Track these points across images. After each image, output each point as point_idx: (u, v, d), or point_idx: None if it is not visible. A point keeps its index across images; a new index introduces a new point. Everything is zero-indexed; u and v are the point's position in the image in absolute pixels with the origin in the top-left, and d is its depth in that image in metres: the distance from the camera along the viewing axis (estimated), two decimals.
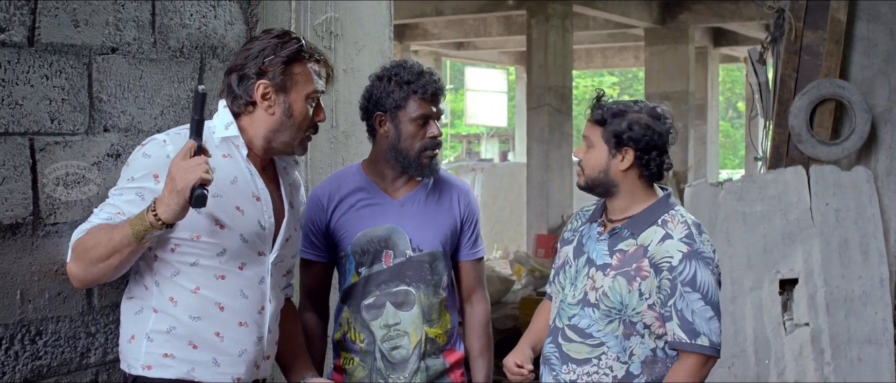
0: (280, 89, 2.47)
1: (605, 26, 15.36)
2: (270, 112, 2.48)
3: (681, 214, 2.73)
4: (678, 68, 14.28)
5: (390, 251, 2.85)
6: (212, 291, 2.44)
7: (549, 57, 12.50)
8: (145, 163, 2.40)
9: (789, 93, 5.28)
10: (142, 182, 2.39)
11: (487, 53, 21.02)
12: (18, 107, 2.58)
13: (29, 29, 2.60)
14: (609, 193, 2.76)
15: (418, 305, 2.86)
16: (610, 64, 21.59)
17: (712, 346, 2.65)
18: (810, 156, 5.22)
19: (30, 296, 2.63)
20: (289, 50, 2.47)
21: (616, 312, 2.69)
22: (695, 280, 2.62)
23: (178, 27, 3.00)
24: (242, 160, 2.50)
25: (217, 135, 2.49)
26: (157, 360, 2.44)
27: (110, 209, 2.42)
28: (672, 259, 2.63)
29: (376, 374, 2.88)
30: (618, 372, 2.71)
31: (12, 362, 2.60)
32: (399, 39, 17.49)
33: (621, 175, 2.72)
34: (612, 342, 2.71)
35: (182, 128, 2.48)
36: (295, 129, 2.52)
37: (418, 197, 2.90)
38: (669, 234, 2.67)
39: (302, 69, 2.49)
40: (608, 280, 2.69)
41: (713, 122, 18.10)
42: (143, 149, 2.44)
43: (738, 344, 5.09)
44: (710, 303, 2.64)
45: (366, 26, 3.77)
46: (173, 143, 2.40)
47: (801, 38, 5.25)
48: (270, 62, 2.46)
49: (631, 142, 2.69)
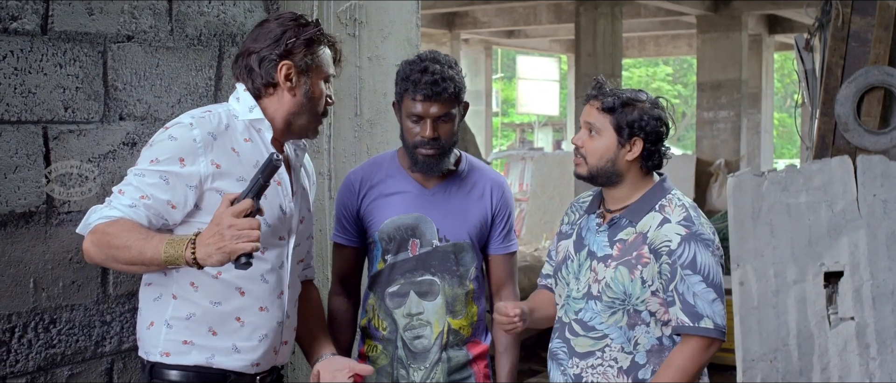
0: (303, 71, 2.46)
1: (657, 14, 15.14)
2: (292, 93, 2.47)
3: (678, 198, 2.72)
4: (730, 56, 14.01)
5: (417, 240, 2.82)
6: (233, 275, 2.41)
7: (597, 45, 12.36)
8: (171, 146, 2.35)
9: (836, 81, 5.13)
10: (167, 165, 2.33)
11: (538, 41, 20.87)
12: (32, 95, 2.58)
13: (42, 17, 2.59)
14: (610, 183, 2.72)
15: (442, 295, 2.84)
16: (663, 52, 21.31)
17: (717, 328, 2.62)
18: (857, 146, 5.07)
19: (43, 285, 2.64)
20: (310, 32, 2.47)
21: (619, 302, 2.66)
22: (695, 262, 2.59)
23: (196, 15, 2.98)
24: (264, 144, 2.47)
25: (242, 118, 2.46)
26: (176, 347, 2.43)
27: (133, 192, 2.33)
28: (671, 243, 2.61)
29: (397, 363, 2.87)
30: (623, 362, 2.69)
31: (25, 350, 2.60)
32: (448, 28, 17.45)
33: (627, 165, 2.69)
34: (615, 333, 2.68)
35: (207, 111, 2.45)
36: (313, 113, 2.51)
37: (450, 187, 2.86)
38: (667, 218, 2.65)
39: (322, 51, 2.50)
40: (610, 271, 2.67)
41: (767, 111, 17.77)
42: (168, 131, 2.38)
43: (781, 338, 4.96)
44: (712, 285, 2.61)
45: (392, 14, 3.72)
46: (199, 127, 2.37)
47: (849, 24, 5.10)
48: (294, 44, 2.44)
49: (641, 132, 2.66)
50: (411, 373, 2.86)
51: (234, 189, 2.34)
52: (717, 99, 14.08)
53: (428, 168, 2.78)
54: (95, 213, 2.35)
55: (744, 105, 14.22)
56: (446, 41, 17.74)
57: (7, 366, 2.56)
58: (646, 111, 2.67)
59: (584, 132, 2.72)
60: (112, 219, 2.31)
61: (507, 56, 28.81)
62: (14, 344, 2.58)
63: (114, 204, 2.34)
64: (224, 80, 3.07)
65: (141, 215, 2.32)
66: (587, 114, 2.72)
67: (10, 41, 2.52)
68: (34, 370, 2.62)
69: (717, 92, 14.10)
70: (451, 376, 2.88)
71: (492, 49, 20.92)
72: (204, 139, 2.36)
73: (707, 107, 14.20)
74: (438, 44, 17.80)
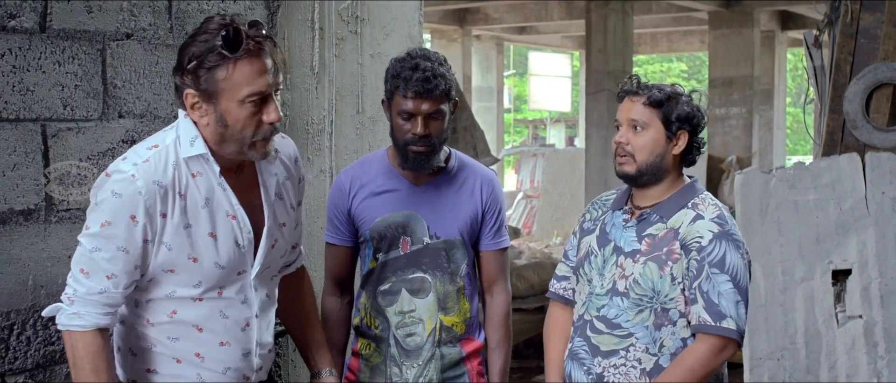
0: (207, 98, 2.17)
1: (668, 10, 15.07)
2: (205, 122, 2.20)
3: (711, 198, 2.68)
4: (742, 52, 13.93)
5: (408, 238, 2.82)
6: (188, 315, 2.29)
7: (608, 41, 12.31)
8: (117, 204, 2.14)
9: (845, 77, 5.09)
10: (118, 228, 2.15)
11: (550, 38, 20.82)
12: (30, 93, 2.58)
13: (41, 15, 2.60)
14: (655, 180, 2.67)
15: (434, 293, 2.84)
16: (675, 48, 21.22)
17: (738, 331, 2.55)
18: (866, 143, 5.03)
19: (42, 282, 2.64)
20: (209, 52, 2.13)
21: (647, 300, 2.60)
22: (724, 261, 2.54)
23: (196, 12, 2.98)
24: (214, 176, 2.25)
25: (184, 154, 2.21)
26: (142, 375, 2.33)
27: (99, 275, 2.17)
28: (702, 239, 2.56)
29: (390, 360, 2.87)
30: (646, 364, 2.62)
31: (24, 347, 2.61)
32: (460, 24, 17.42)
33: (673, 160, 2.66)
34: (641, 332, 2.62)
35: (152, 148, 2.22)
36: (238, 139, 2.20)
37: (440, 184, 2.86)
38: (701, 215, 2.61)
39: (227, 73, 2.14)
40: (638, 266, 2.61)
41: (780, 108, 17.67)
42: (111, 183, 2.16)
43: (789, 336, 4.94)
44: (739, 287, 2.55)
45: (394, 10, 3.71)
46: (143, 177, 2.15)
47: (858, 20, 5.05)
48: (192, 69, 2.14)
49: (687, 125, 2.63)
50: (404, 371, 2.85)
51: (178, 238, 2.21)
52: (728, 95, 14.01)
53: (419, 165, 2.77)
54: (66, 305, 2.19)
55: (756, 101, 14.15)
56: (457, 37, 17.71)
57: (6, 363, 2.57)
58: (687, 103, 2.65)
59: (628, 129, 2.65)
60: (83, 330, 2.17)
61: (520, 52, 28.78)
62: (13, 341, 2.59)
63: (80, 295, 2.18)
64: None
65: (114, 300, 2.20)
66: (628, 111, 2.65)
67: (9, 39, 2.53)
68: (33, 367, 2.63)
69: (729, 88, 14.03)
70: (444, 373, 2.87)
71: (503, 45, 20.88)
72: (148, 190, 2.16)
73: (719, 104, 14.13)
74: (450, 40, 17.77)
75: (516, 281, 7.49)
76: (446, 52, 17.18)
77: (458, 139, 7.42)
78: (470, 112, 7.71)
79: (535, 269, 7.89)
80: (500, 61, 20.73)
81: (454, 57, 17.14)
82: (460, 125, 7.52)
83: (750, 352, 4.86)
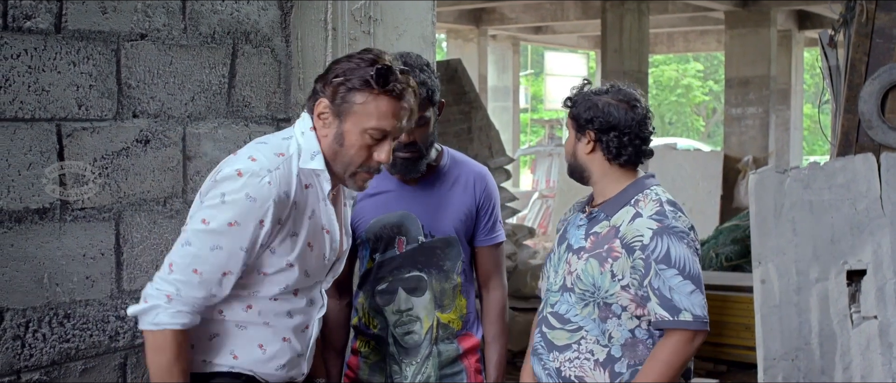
0: (336, 114, 2.27)
1: (685, 10, 15.02)
2: (324, 134, 2.29)
3: (655, 193, 2.72)
4: (759, 52, 13.87)
5: (403, 237, 2.84)
6: (263, 310, 2.33)
7: (624, 41, 12.29)
8: (250, 206, 2.18)
9: (860, 77, 5.08)
10: (245, 230, 2.18)
11: (566, 37, 20.80)
12: (45, 93, 2.61)
13: (55, 15, 2.62)
14: (584, 179, 2.78)
15: (430, 291, 2.86)
16: (691, 48, 21.16)
17: (697, 320, 2.60)
18: (881, 143, 5.02)
19: (58, 280, 2.67)
20: (358, 76, 2.23)
21: (589, 295, 2.68)
22: (669, 256, 2.59)
23: (210, 13, 3.00)
24: (322, 192, 2.33)
25: (303, 165, 2.28)
26: (198, 367, 2.32)
27: (212, 275, 2.19)
28: (643, 237, 2.62)
29: (389, 359, 2.89)
30: (599, 355, 2.69)
31: (40, 345, 2.64)
32: (476, 24, 17.42)
33: (587, 158, 2.74)
34: (589, 325, 2.70)
35: (279, 155, 2.26)
36: (345, 161, 2.30)
37: (433, 183, 2.88)
38: (639, 213, 2.66)
39: (365, 99, 2.24)
40: (581, 262, 2.69)
41: (797, 108, 17.59)
42: (243, 185, 2.18)
43: (803, 337, 4.92)
44: (689, 277, 2.60)
45: (407, 11, 3.73)
46: (277, 187, 2.20)
47: (873, 20, 5.04)
48: (336, 83, 2.25)
49: (588, 124, 2.70)
50: (403, 368, 2.87)
51: (285, 244, 2.26)
52: (745, 95, 13.96)
53: (406, 170, 2.79)
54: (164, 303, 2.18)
55: (772, 101, 14.09)
56: (473, 37, 17.72)
57: (22, 360, 2.60)
58: (592, 103, 2.71)
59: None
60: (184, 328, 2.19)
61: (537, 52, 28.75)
62: (29, 338, 2.62)
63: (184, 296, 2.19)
64: (238, 77, 3.09)
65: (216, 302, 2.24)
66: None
67: (24, 39, 2.55)
68: (48, 364, 2.66)
69: (745, 88, 13.98)
70: (442, 370, 2.89)
71: (519, 45, 20.86)
72: (280, 200, 2.21)
73: (735, 104, 14.09)
74: (466, 40, 17.78)
75: (531, 281, 7.48)
76: (462, 52, 17.21)
77: (474, 139, 7.42)
78: (485, 112, 7.71)
79: None
80: (516, 61, 20.72)
81: (470, 57, 17.14)
82: (475, 125, 7.52)
83: (764, 353, 4.85)
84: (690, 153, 15.66)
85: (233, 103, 3.08)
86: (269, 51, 3.20)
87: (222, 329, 2.32)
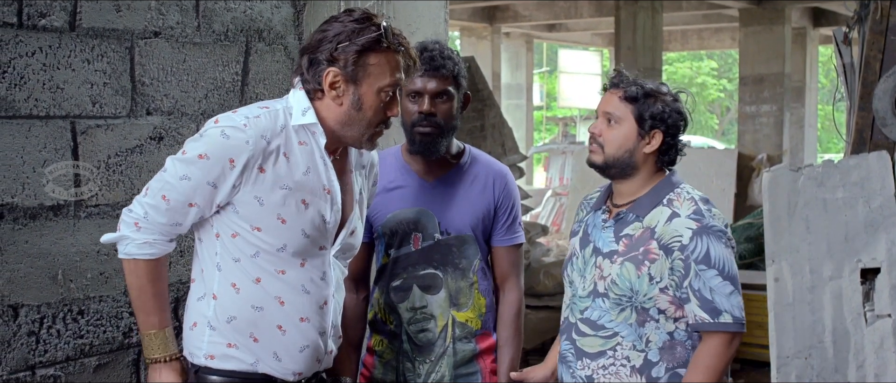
0: (350, 80, 2.27)
1: (699, 7, 14.98)
2: (338, 102, 2.30)
3: (686, 191, 2.65)
4: (773, 49, 13.81)
5: (419, 234, 2.82)
6: (272, 285, 2.32)
7: (637, 39, 12.27)
8: (223, 144, 2.21)
9: (874, 75, 5.06)
10: (214, 165, 2.21)
11: (580, 35, 20.76)
12: (60, 90, 2.63)
13: (70, 13, 2.64)
14: (624, 175, 2.65)
15: (445, 289, 2.83)
16: (706, 45, 21.09)
17: (737, 322, 2.56)
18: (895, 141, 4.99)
19: (72, 276, 2.69)
20: (365, 38, 2.25)
21: (626, 299, 2.60)
22: (709, 256, 2.53)
23: (223, 10, 3.01)
24: (318, 150, 2.34)
25: (295, 121, 2.30)
26: (221, 350, 2.33)
27: (179, 203, 2.24)
28: (682, 238, 2.54)
29: (403, 356, 2.87)
30: (635, 361, 2.62)
31: (54, 340, 2.66)
32: (489, 21, 17.41)
33: (643, 158, 2.63)
34: (625, 331, 2.62)
35: (264, 108, 2.30)
36: (363, 124, 2.32)
37: (452, 179, 2.86)
38: (676, 213, 2.58)
39: (378, 59, 2.28)
40: (616, 267, 2.60)
41: (812, 106, 17.51)
42: (220, 127, 2.24)
43: (816, 335, 4.90)
44: (729, 278, 2.54)
45: (419, 9, 3.73)
46: (254, 128, 2.23)
47: (888, 17, 5.01)
48: (343, 49, 2.25)
49: (662, 125, 2.61)
50: (417, 366, 2.86)
51: (273, 196, 2.27)
52: (759, 93, 13.90)
53: (425, 148, 2.76)
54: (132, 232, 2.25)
55: (787, 99, 14.03)
56: (487, 35, 17.71)
57: (36, 356, 2.62)
58: (668, 104, 2.61)
59: (603, 121, 2.65)
60: (153, 257, 2.26)
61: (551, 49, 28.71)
62: (43, 334, 2.64)
63: (152, 221, 2.24)
64: (251, 74, 3.10)
65: (182, 231, 2.29)
66: (606, 103, 2.65)
67: (39, 37, 2.57)
68: (63, 360, 2.68)
69: (760, 86, 13.93)
70: (457, 370, 2.87)
71: (533, 43, 20.83)
72: (255, 143, 2.23)
73: (749, 102, 14.04)
74: (479, 37, 17.77)
75: (544, 279, 7.48)
76: (476, 50, 17.21)
77: (487, 136, 7.41)
78: (498, 109, 7.70)
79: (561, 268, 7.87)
80: (530, 59, 20.69)
81: (484, 54, 17.14)
82: (488, 122, 7.51)
83: (777, 351, 4.83)
84: (704, 151, 15.60)
85: (246, 101, 3.09)
86: (282, 48, 3.21)
87: (240, 314, 2.32)
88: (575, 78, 26.84)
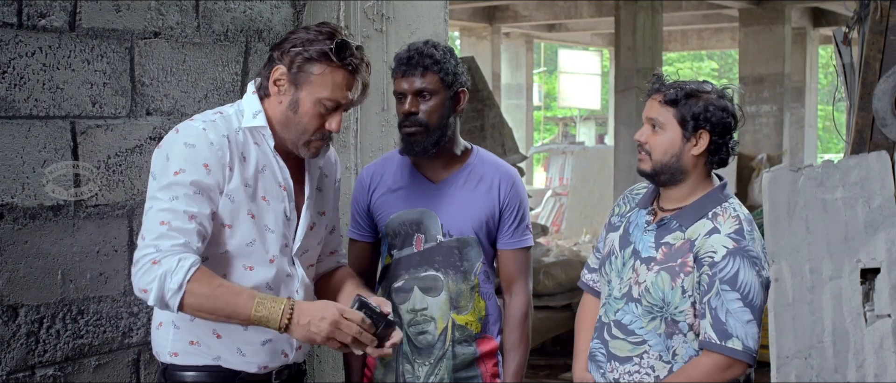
0: (292, 82, 2.33)
1: (699, 7, 14.98)
2: (278, 101, 2.36)
3: (733, 208, 2.58)
4: (773, 49, 13.82)
5: (422, 235, 2.80)
6: (238, 281, 2.33)
7: (637, 38, 12.25)
8: (190, 152, 2.26)
9: (874, 75, 5.06)
10: (193, 175, 2.24)
11: (580, 35, 20.76)
12: (60, 90, 2.63)
13: (70, 14, 2.64)
14: (674, 181, 2.60)
15: (446, 291, 2.81)
16: (706, 45, 21.09)
17: (745, 351, 2.46)
18: (895, 141, 4.99)
19: (71, 276, 2.69)
20: (316, 48, 2.30)
21: (658, 309, 2.56)
22: (736, 279, 2.46)
23: (223, 11, 3.01)
24: (270, 150, 2.39)
25: (245, 124, 2.36)
26: (184, 347, 2.38)
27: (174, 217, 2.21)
28: (715, 254, 2.48)
29: (403, 358, 2.85)
30: (660, 371, 2.58)
31: (54, 340, 2.66)
32: (489, 21, 17.41)
33: (693, 161, 2.57)
34: (654, 340, 2.58)
35: (217, 113, 2.36)
36: (299, 129, 2.36)
37: (456, 181, 2.83)
38: (717, 228, 2.52)
39: (322, 71, 2.31)
40: (651, 274, 2.56)
41: (812, 106, 17.51)
42: (180, 137, 2.29)
43: (816, 335, 4.91)
44: (750, 306, 2.47)
45: (419, 9, 3.73)
46: (213, 132, 2.29)
47: (888, 18, 5.02)
48: (295, 53, 2.31)
49: (707, 124, 2.54)
50: (416, 368, 2.84)
51: (241, 193, 2.31)
52: (759, 93, 13.91)
53: (411, 148, 2.74)
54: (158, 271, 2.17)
55: (787, 99, 14.04)
56: (487, 35, 17.71)
57: (36, 356, 2.62)
58: (711, 102, 2.54)
59: (647, 128, 2.59)
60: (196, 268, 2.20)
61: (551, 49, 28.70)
62: (43, 334, 2.63)
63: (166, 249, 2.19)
64: (251, 75, 3.11)
65: (197, 246, 2.24)
66: (649, 110, 2.59)
67: (39, 37, 2.57)
68: (62, 360, 2.68)
69: (760, 86, 13.93)
70: (456, 373, 2.84)
71: (533, 43, 20.83)
72: (219, 143, 2.28)
73: (749, 102, 14.02)
74: (479, 37, 17.77)
75: (544, 279, 7.48)
76: (476, 50, 17.20)
77: (487, 136, 7.41)
78: (498, 109, 7.70)
79: (563, 267, 7.87)
80: (530, 59, 20.69)
81: (483, 54, 17.14)
82: (488, 122, 7.51)
83: (777, 351, 4.83)
84: None
85: None
86: None
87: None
88: (575, 77, 26.84)
